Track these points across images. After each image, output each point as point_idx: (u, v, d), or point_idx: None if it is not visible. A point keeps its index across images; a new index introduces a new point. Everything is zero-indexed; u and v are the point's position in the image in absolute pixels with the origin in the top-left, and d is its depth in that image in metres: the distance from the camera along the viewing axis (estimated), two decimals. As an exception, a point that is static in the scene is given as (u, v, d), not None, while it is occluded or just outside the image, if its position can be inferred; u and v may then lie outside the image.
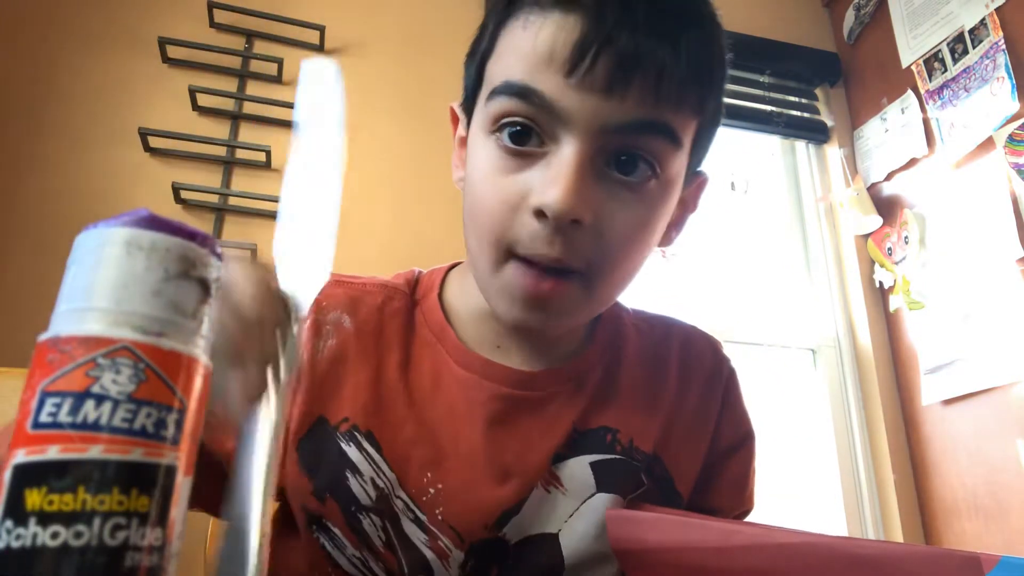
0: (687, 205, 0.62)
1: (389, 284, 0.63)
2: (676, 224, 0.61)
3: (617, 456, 0.59)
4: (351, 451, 0.55)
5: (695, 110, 0.52)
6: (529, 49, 0.49)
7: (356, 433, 0.55)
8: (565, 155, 0.48)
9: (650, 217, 0.53)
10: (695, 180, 0.62)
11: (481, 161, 0.53)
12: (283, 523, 0.61)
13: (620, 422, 0.60)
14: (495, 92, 0.51)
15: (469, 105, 0.58)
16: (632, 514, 0.54)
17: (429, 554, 0.54)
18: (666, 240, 0.60)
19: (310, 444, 0.56)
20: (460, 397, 0.58)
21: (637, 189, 0.51)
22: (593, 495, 0.57)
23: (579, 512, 0.57)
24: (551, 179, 0.48)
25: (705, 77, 0.51)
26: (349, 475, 0.55)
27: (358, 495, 0.54)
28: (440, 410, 0.57)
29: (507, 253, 0.51)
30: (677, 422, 0.62)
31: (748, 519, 0.69)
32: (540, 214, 0.48)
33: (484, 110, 0.53)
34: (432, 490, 0.55)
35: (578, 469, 0.58)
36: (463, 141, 0.61)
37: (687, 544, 0.45)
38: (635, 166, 0.50)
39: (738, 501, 0.66)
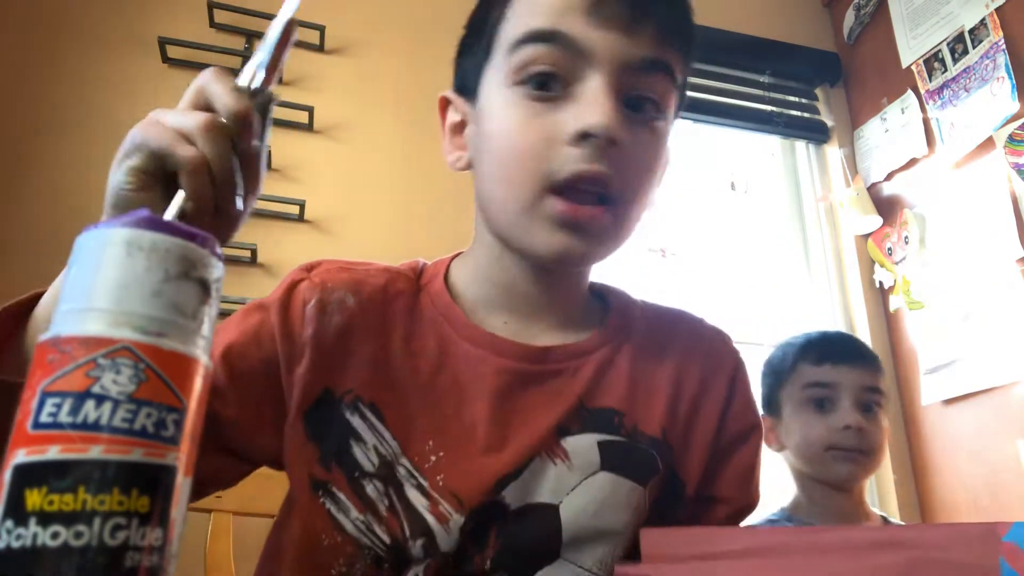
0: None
1: (392, 269, 0.65)
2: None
3: (622, 439, 0.60)
4: (355, 420, 0.58)
5: (684, 58, 0.59)
6: None
7: (359, 404, 0.58)
8: (596, 86, 0.54)
9: (660, 153, 0.59)
10: None
11: (505, 112, 0.57)
12: (288, 502, 0.63)
13: (626, 405, 0.61)
14: (519, 43, 0.56)
15: (471, 83, 0.62)
16: (667, 530, 0.53)
17: (430, 518, 0.55)
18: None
19: (317, 415, 0.58)
20: (466, 371, 0.60)
21: (648, 125, 0.57)
22: (596, 472, 0.58)
23: (580, 486, 0.58)
24: (589, 104, 0.53)
25: (693, 30, 0.60)
26: (353, 443, 0.57)
27: (361, 462, 0.57)
28: (445, 383, 0.59)
29: (545, 188, 0.54)
30: (681, 410, 0.63)
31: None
32: (582, 137, 0.53)
33: (506, 65, 0.57)
34: (434, 457, 0.57)
35: (585, 445, 0.59)
36: (456, 127, 0.64)
37: (720, 551, 0.45)
38: (643, 106, 0.56)
39: (744, 492, 0.66)
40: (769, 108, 2.13)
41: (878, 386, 1.16)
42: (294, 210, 1.58)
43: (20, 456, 0.23)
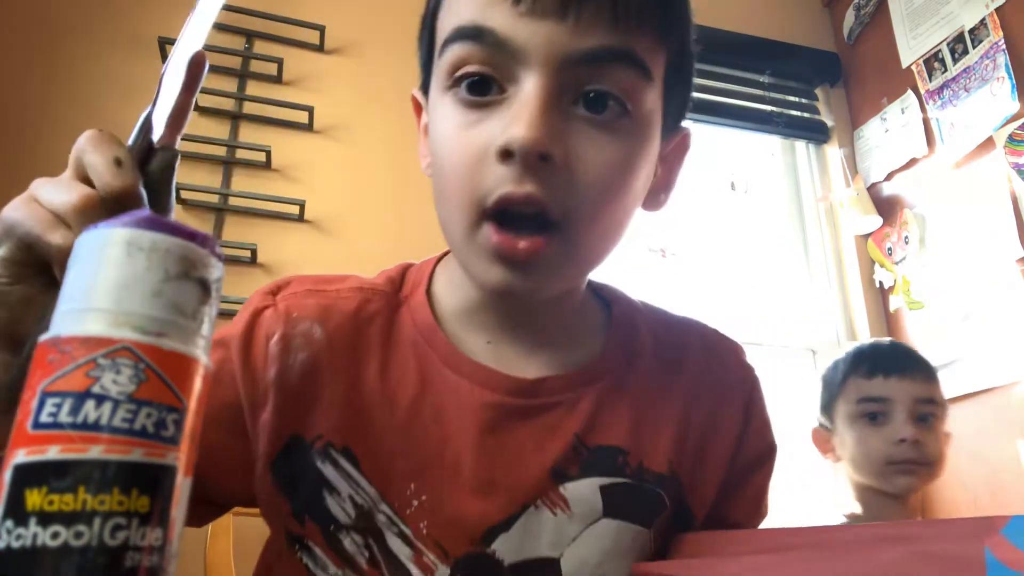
0: (672, 165, 0.58)
1: (366, 286, 0.58)
2: (664, 186, 0.57)
3: (627, 480, 0.54)
4: (327, 469, 0.52)
5: (659, 39, 0.49)
6: None
7: (331, 450, 0.52)
8: (527, 90, 0.45)
9: (627, 157, 0.49)
10: (676, 136, 0.57)
11: (442, 121, 0.49)
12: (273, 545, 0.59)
13: (630, 441, 0.55)
14: (447, 42, 0.48)
15: (426, 80, 0.55)
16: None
17: (414, 570, 0.51)
18: (654, 203, 0.57)
19: (285, 464, 0.53)
20: (449, 403, 0.54)
21: (609, 127, 0.47)
22: (598, 520, 0.53)
23: (582, 537, 0.53)
24: (513, 116, 0.45)
25: (668, 6, 0.49)
26: (326, 495, 0.52)
27: (336, 515, 0.52)
28: (426, 416, 0.53)
29: (479, 213, 0.47)
30: (693, 438, 0.58)
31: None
32: (506, 154, 0.45)
33: (439, 67, 0.49)
34: (416, 502, 0.52)
35: (586, 491, 0.53)
36: (427, 128, 0.57)
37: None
38: (604, 104, 0.47)
39: (756, 512, 0.63)
40: (769, 108, 2.13)
41: (933, 397, 1.15)
42: (294, 210, 1.58)
43: (20, 456, 0.23)
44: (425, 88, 0.56)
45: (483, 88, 0.47)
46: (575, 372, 0.56)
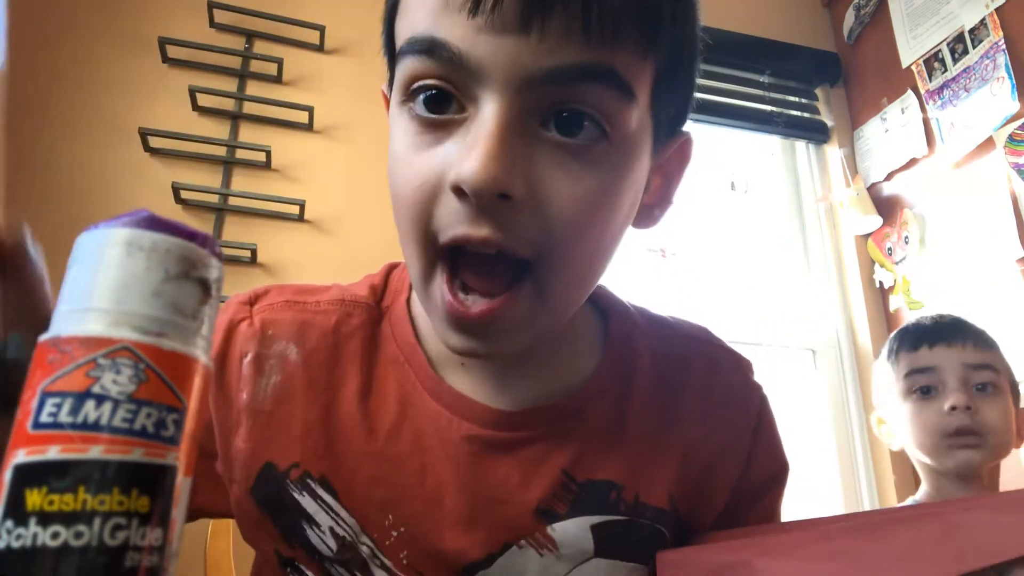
0: (670, 176, 0.52)
1: (347, 298, 0.55)
2: (659, 200, 0.51)
3: (621, 518, 0.51)
4: (305, 501, 0.50)
5: (643, 49, 0.42)
6: None
7: (308, 480, 0.50)
8: (485, 116, 0.40)
9: (606, 186, 0.43)
10: (674, 143, 0.50)
11: (397, 139, 0.45)
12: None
13: (626, 475, 0.51)
14: (401, 53, 0.43)
15: (392, 80, 0.49)
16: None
17: None
18: (648, 220, 0.51)
19: (263, 490, 0.51)
20: (429, 431, 0.51)
21: (583, 153, 0.41)
22: (589, 559, 0.50)
23: None
24: (468, 147, 0.40)
25: (649, 3, 0.42)
26: (306, 527, 0.50)
27: (318, 547, 0.50)
28: (405, 443, 0.50)
29: (434, 252, 0.43)
30: (696, 465, 0.54)
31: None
32: (459, 192, 0.40)
33: (396, 77, 0.45)
34: (395, 533, 0.49)
35: (576, 531, 0.50)
36: None
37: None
38: (579, 125, 0.41)
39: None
40: (769, 108, 2.13)
41: (987, 362, 1.07)
42: (294, 210, 1.58)
43: (20, 456, 0.23)
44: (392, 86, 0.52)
45: (441, 103, 0.42)
46: (563, 401, 0.52)
